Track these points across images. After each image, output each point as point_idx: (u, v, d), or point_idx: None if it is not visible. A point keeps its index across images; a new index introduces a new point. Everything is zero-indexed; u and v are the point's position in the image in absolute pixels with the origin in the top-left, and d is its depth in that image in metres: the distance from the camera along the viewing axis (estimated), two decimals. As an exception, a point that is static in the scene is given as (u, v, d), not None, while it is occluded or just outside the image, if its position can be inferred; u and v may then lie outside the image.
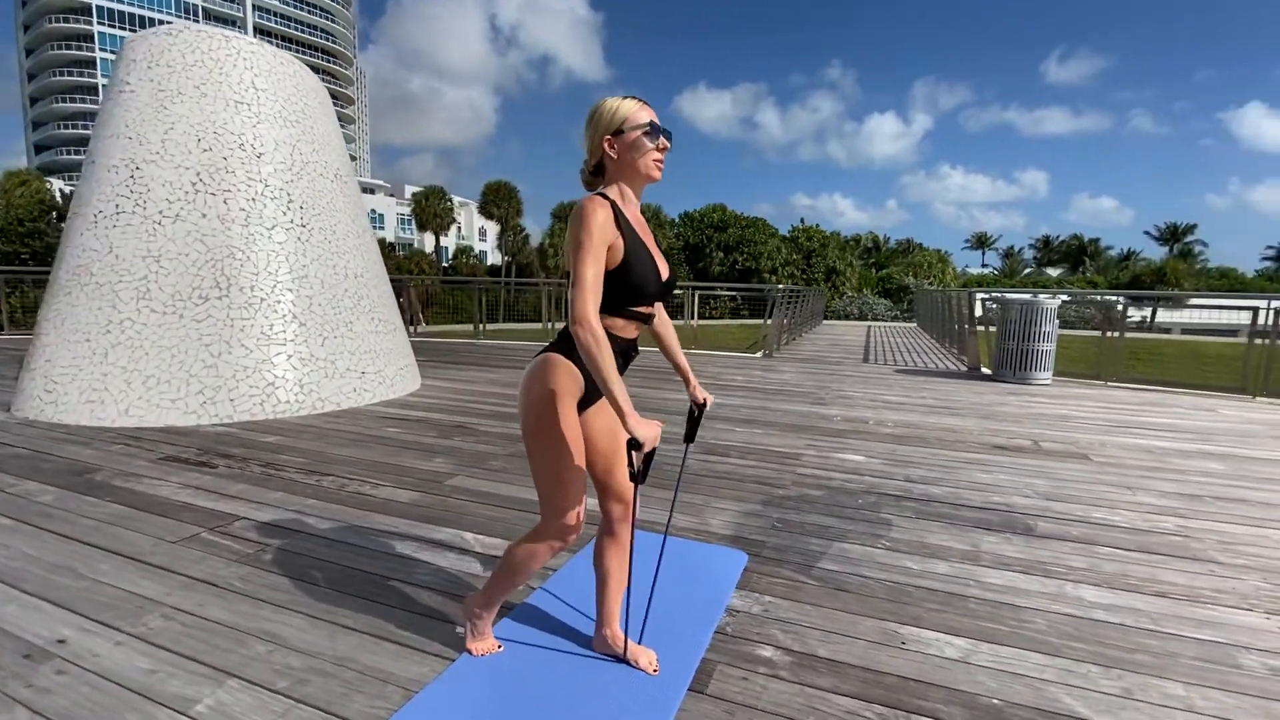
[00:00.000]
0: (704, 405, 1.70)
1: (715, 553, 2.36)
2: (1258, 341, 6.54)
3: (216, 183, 4.53)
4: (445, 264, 47.42)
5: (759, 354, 9.67)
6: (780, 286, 12.44)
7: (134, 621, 1.81)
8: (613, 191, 1.48)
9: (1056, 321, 7.05)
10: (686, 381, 1.71)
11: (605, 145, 1.45)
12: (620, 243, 1.40)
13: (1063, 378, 7.34)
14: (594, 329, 1.29)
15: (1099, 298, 8.65)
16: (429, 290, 18.23)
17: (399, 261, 38.51)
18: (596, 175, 1.52)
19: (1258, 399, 6.30)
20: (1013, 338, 7.12)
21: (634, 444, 1.31)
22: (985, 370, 7.99)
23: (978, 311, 10.42)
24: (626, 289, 1.43)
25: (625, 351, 1.51)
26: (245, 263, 4.52)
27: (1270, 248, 58.09)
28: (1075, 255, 62.89)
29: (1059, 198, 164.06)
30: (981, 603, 2.05)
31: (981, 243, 74.05)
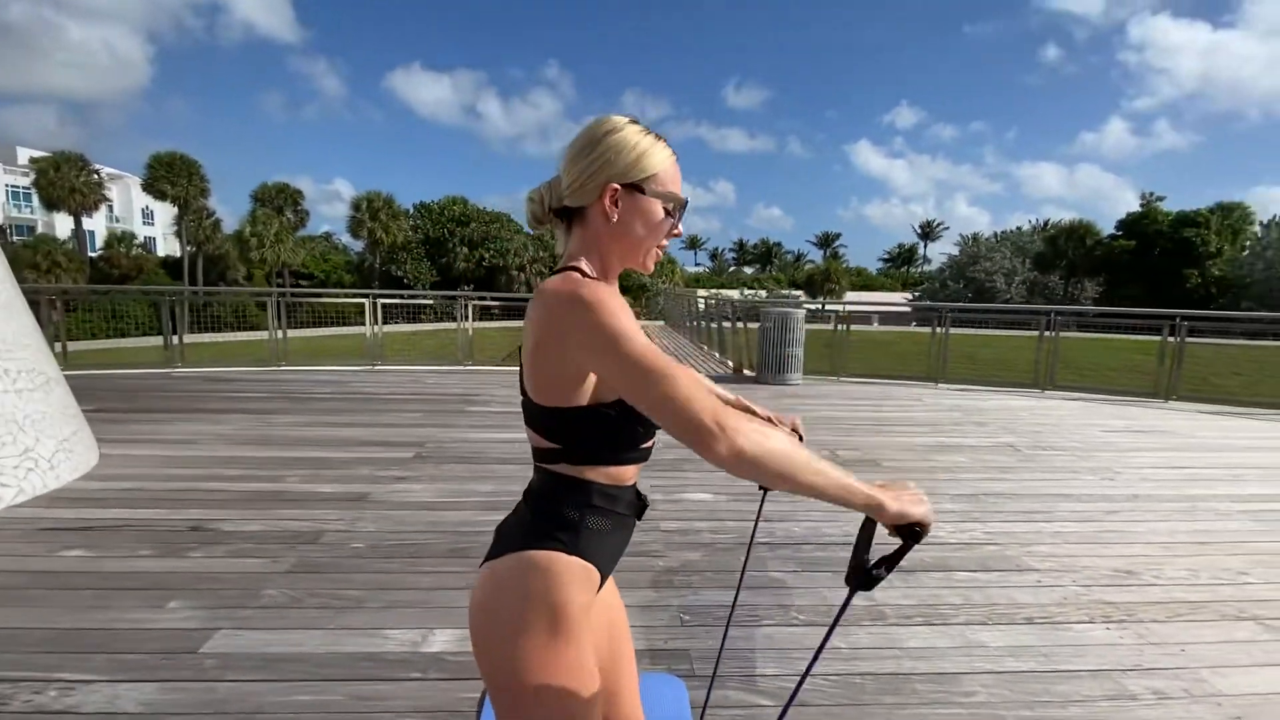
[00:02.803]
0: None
1: (646, 686, 1.90)
2: (938, 331, 8.33)
3: None
4: (94, 254, 36.59)
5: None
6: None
7: None
8: (594, 269, 0.95)
9: (804, 328, 8.05)
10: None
11: (606, 196, 0.92)
12: None
13: (809, 375, 8.42)
14: (747, 432, 0.80)
15: (842, 308, 10.17)
16: (69, 296, 13.53)
17: (16, 251, 28.45)
18: (560, 217, 0.98)
19: (940, 385, 8.03)
20: (773, 344, 7.93)
21: (910, 534, 0.86)
22: (748, 372, 8.79)
23: (701, 306, 11.36)
24: (641, 421, 0.92)
25: (641, 507, 1.01)
26: None
27: (886, 251, 78.44)
28: (764, 257, 75.77)
29: (744, 206, 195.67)
30: (924, 680, 1.98)
31: (693, 244, 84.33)
